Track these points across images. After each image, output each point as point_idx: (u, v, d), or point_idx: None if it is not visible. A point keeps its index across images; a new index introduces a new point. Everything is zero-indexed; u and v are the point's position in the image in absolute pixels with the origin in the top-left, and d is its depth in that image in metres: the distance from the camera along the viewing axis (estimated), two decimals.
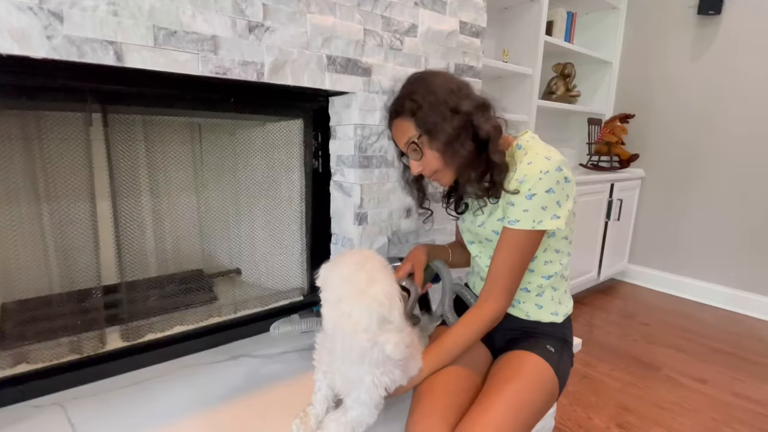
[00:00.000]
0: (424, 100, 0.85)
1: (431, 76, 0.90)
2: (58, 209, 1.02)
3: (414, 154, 0.90)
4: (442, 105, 0.84)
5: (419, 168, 0.92)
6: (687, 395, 1.65)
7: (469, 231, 1.02)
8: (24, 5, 0.71)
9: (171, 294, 1.24)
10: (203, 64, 0.91)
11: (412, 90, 0.88)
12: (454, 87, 0.87)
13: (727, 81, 2.41)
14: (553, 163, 0.82)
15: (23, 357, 0.98)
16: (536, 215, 0.82)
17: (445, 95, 0.85)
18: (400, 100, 0.89)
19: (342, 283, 0.72)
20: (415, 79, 0.91)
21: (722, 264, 2.50)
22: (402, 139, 0.91)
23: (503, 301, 0.87)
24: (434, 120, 0.83)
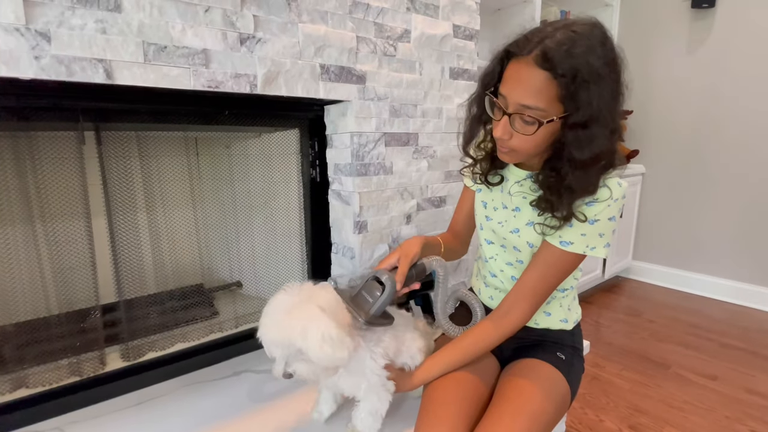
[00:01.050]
0: (597, 83, 0.64)
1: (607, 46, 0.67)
2: (53, 229, 1.01)
3: (522, 125, 0.69)
4: (608, 107, 0.67)
5: (507, 136, 0.71)
6: (698, 393, 1.62)
7: (493, 231, 0.90)
8: (10, 26, 0.70)
9: (171, 310, 1.23)
10: (195, 78, 0.90)
11: (586, 54, 0.64)
12: (622, 86, 0.70)
13: (724, 73, 2.40)
14: (622, 189, 0.74)
15: (22, 381, 0.96)
16: (591, 241, 0.76)
17: (615, 93, 0.68)
18: (563, 51, 0.63)
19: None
20: (589, 35, 0.65)
21: (728, 257, 2.48)
22: (524, 96, 0.67)
23: (528, 315, 0.83)
24: (595, 123, 0.66)
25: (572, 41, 0.64)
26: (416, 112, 1.34)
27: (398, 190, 1.34)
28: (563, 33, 0.65)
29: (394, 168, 1.31)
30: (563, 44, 0.63)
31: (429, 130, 1.39)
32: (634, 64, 2.81)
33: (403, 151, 1.33)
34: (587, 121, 0.66)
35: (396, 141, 1.31)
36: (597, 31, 0.66)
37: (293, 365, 0.70)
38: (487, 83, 0.76)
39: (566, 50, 0.63)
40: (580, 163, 0.69)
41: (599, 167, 0.71)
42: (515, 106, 0.69)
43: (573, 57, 0.63)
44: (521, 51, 0.67)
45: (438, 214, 1.48)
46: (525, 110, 0.68)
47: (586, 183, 0.71)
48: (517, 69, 0.68)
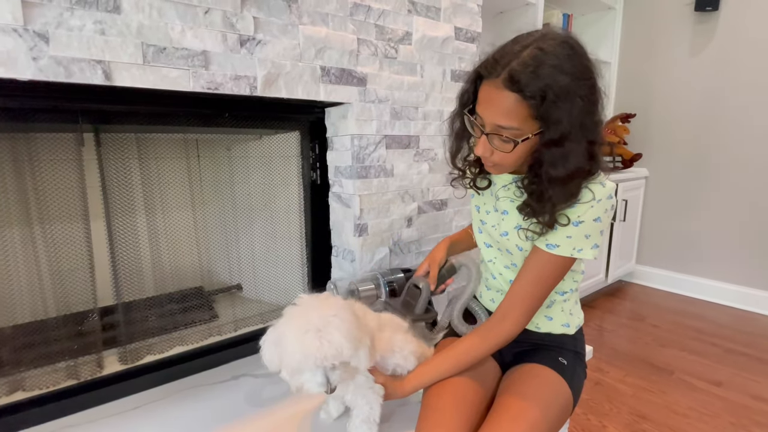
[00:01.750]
0: (566, 100, 0.64)
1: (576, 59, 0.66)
2: (51, 231, 1.00)
3: (501, 143, 0.71)
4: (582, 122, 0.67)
5: (488, 153, 0.74)
6: (703, 399, 1.60)
7: (489, 234, 0.91)
8: (8, 27, 0.70)
9: (170, 313, 1.22)
10: (194, 80, 0.90)
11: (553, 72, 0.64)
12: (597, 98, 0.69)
13: (728, 76, 2.38)
14: (606, 190, 0.74)
15: (19, 384, 0.96)
16: (578, 243, 0.76)
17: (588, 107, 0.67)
18: (528, 73, 0.64)
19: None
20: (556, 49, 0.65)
21: (732, 261, 2.46)
22: (497, 117, 0.69)
23: (522, 322, 0.82)
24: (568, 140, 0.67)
25: (538, 61, 0.64)
26: (417, 115, 1.34)
27: (399, 193, 1.33)
28: (530, 52, 0.65)
29: (394, 171, 1.30)
30: (529, 66, 0.64)
31: (430, 133, 1.38)
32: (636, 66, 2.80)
33: (404, 153, 1.32)
34: (560, 139, 0.67)
35: (397, 143, 1.30)
36: (565, 47, 0.66)
37: (334, 378, 0.69)
38: (464, 102, 0.78)
39: (532, 71, 0.64)
40: (556, 180, 0.70)
41: (577, 182, 0.72)
42: (491, 126, 0.71)
43: (539, 78, 0.64)
44: (490, 74, 0.68)
45: (439, 217, 1.47)
46: (501, 130, 0.70)
47: (567, 195, 0.72)
48: (488, 91, 0.70)
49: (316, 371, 0.69)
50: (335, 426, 0.91)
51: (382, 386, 0.81)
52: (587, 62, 0.68)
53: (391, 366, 0.86)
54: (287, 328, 0.71)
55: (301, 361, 0.68)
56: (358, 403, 0.80)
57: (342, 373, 0.70)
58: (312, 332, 0.68)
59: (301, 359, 0.67)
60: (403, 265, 1.38)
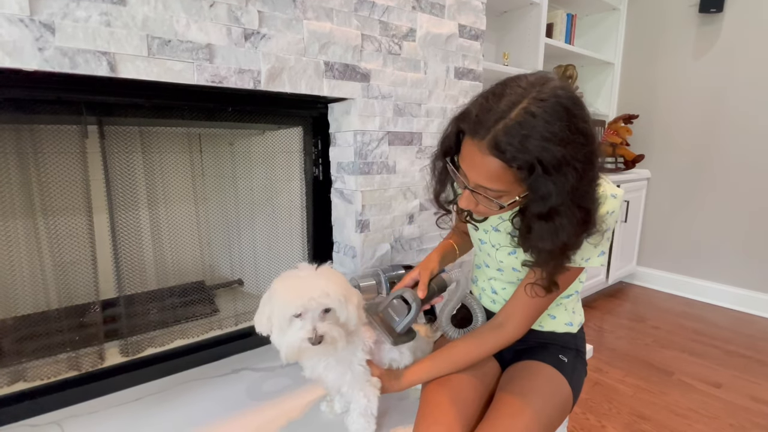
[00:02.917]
0: (558, 172, 0.58)
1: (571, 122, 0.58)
2: (54, 223, 1.01)
3: (485, 200, 0.66)
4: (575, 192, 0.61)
5: (472, 206, 0.70)
6: (702, 401, 1.60)
7: (488, 254, 0.89)
8: (15, 17, 0.70)
9: (171, 307, 1.22)
10: (199, 73, 0.90)
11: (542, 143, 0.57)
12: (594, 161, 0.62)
13: (732, 78, 2.37)
14: (618, 201, 0.73)
15: (20, 375, 0.96)
16: (587, 253, 0.75)
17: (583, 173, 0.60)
18: (515, 144, 0.57)
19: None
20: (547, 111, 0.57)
21: (733, 264, 2.45)
22: (481, 179, 0.64)
23: (523, 328, 0.82)
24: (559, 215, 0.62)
25: (527, 129, 0.57)
26: (420, 112, 1.34)
27: (401, 190, 1.33)
28: (517, 115, 0.57)
29: (397, 167, 1.30)
30: (516, 136, 0.57)
31: (433, 130, 1.38)
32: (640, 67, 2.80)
33: (407, 150, 1.32)
34: (548, 213, 0.62)
35: (399, 140, 1.30)
36: (558, 108, 0.58)
37: (321, 327, 0.69)
38: (445, 150, 0.73)
39: (519, 143, 0.57)
40: (545, 252, 0.67)
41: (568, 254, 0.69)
42: (475, 185, 0.66)
43: (527, 151, 0.57)
44: (474, 134, 0.62)
45: None
46: (485, 190, 0.65)
47: (556, 263, 0.70)
48: (471, 151, 0.63)
49: (304, 320, 0.69)
50: (335, 420, 0.91)
51: (378, 379, 0.82)
52: (584, 125, 0.60)
53: (387, 360, 0.87)
54: (277, 282, 0.73)
55: (287, 304, 0.69)
56: (356, 396, 0.80)
57: (330, 325, 0.70)
58: (300, 280, 0.71)
59: (288, 301, 0.69)
60: (404, 261, 1.38)
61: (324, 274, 0.74)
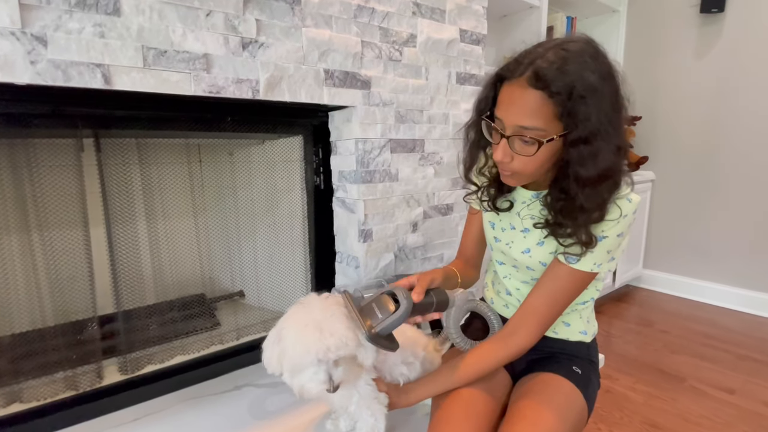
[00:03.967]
0: (594, 98, 0.62)
1: (601, 60, 0.65)
2: (50, 238, 0.98)
3: (522, 146, 0.67)
4: (609, 121, 0.64)
5: (507, 158, 0.69)
6: (715, 407, 1.56)
7: (502, 252, 0.87)
8: (6, 30, 0.68)
9: (171, 321, 1.20)
10: (196, 84, 0.88)
11: (579, 70, 0.62)
12: (621, 100, 0.67)
13: (734, 78, 2.35)
14: (633, 205, 0.71)
15: (16, 396, 0.93)
16: (599, 258, 0.74)
17: (614, 106, 0.65)
18: (555, 70, 0.62)
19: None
20: (582, 51, 0.64)
21: (742, 265, 2.42)
22: (520, 118, 0.65)
23: (534, 336, 0.79)
24: (597, 138, 0.64)
25: (564, 59, 0.63)
26: (422, 118, 1.32)
27: (404, 198, 1.31)
28: (554, 52, 0.64)
29: (399, 175, 1.28)
30: (555, 63, 0.63)
31: (435, 136, 1.36)
32: (642, 69, 2.77)
33: (409, 157, 1.30)
34: (588, 137, 0.64)
35: (402, 147, 1.28)
36: (589, 47, 0.65)
37: (337, 375, 0.66)
38: (482, 109, 0.74)
39: (558, 68, 0.62)
40: (587, 181, 0.66)
41: (608, 184, 0.68)
42: (513, 128, 0.67)
43: (566, 74, 0.62)
44: (513, 74, 0.66)
45: (445, 222, 1.45)
46: (523, 131, 0.66)
47: (598, 201, 0.68)
48: (511, 92, 0.66)
49: (318, 368, 0.65)
50: None
51: (386, 395, 0.79)
52: (611, 64, 0.67)
53: (396, 374, 0.84)
54: (287, 323, 0.68)
55: (301, 355, 0.64)
56: (363, 414, 0.77)
57: (346, 370, 0.66)
58: (312, 325, 0.64)
59: (301, 353, 0.63)
60: (408, 271, 1.36)
61: (336, 314, 0.67)
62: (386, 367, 0.82)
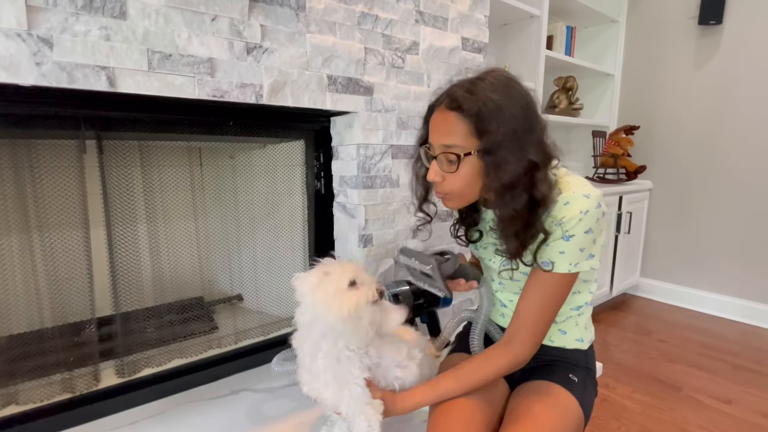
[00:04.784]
0: (498, 114, 0.70)
1: (510, 86, 0.74)
2: (50, 239, 0.98)
3: (447, 165, 0.76)
4: (515, 136, 0.71)
5: (439, 177, 0.78)
6: (713, 417, 1.56)
7: (487, 267, 0.91)
8: (12, 32, 0.69)
9: (169, 324, 1.19)
10: (200, 88, 0.89)
11: (486, 92, 0.71)
12: (532, 120, 0.74)
13: (732, 89, 2.38)
14: (592, 200, 0.74)
15: (12, 398, 0.93)
16: (573, 257, 0.75)
17: (522, 124, 0.71)
18: (464, 93, 0.72)
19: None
20: (492, 79, 0.73)
21: (739, 276, 2.43)
22: (443, 138, 0.75)
23: (530, 344, 0.80)
24: (501, 149, 0.70)
25: (475, 85, 0.73)
26: None
27: (404, 203, 1.31)
28: (470, 82, 0.74)
29: (400, 181, 1.29)
30: (467, 89, 0.73)
31: None
32: (640, 79, 2.80)
33: (410, 163, 1.30)
34: (492, 148, 0.71)
35: (403, 153, 1.28)
36: (501, 77, 0.75)
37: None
38: (421, 141, 0.85)
39: (468, 90, 0.72)
40: (494, 190, 0.73)
41: (517, 198, 0.72)
42: (439, 148, 0.77)
43: (476, 96, 0.71)
44: (437, 103, 0.78)
45: (445, 228, 1.45)
46: (447, 149, 0.75)
47: (507, 213, 0.74)
48: (435, 118, 0.78)
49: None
50: None
51: (381, 402, 0.77)
52: (521, 90, 0.75)
53: (390, 378, 0.83)
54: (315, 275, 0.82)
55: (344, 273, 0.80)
56: (356, 421, 0.75)
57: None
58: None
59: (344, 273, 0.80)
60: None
61: None
62: (380, 371, 0.81)
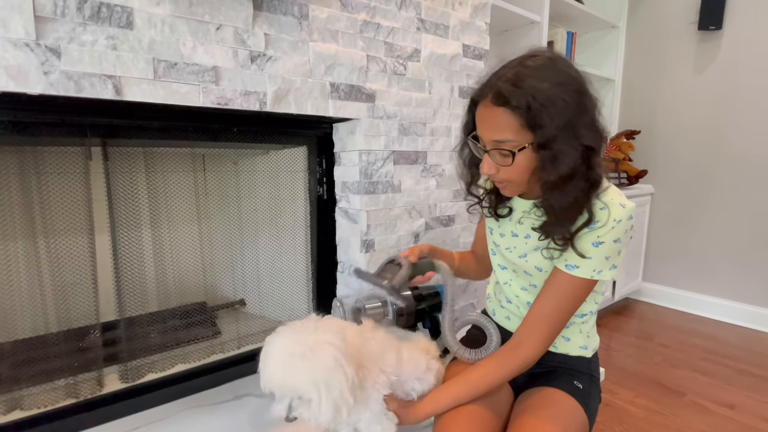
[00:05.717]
0: (550, 106, 0.67)
1: (557, 69, 0.70)
2: (55, 244, 0.99)
3: (501, 158, 0.74)
4: (569, 125, 0.68)
5: (494, 170, 0.76)
6: (716, 422, 1.55)
7: (503, 256, 0.90)
8: (20, 42, 0.70)
9: (172, 329, 1.20)
10: (204, 95, 0.90)
11: (533, 82, 0.67)
12: (585, 101, 0.70)
13: (732, 94, 2.38)
14: (627, 211, 0.73)
15: (17, 403, 0.93)
16: (598, 264, 0.75)
17: (575, 110, 0.68)
18: (510, 87, 0.68)
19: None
20: (537, 64, 0.70)
21: (742, 280, 2.42)
22: (492, 133, 0.72)
23: (541, 347, 0.79)
24: (557, 142, 0.68)
25: (521, 76, 0.69)
26: (425, 131, 1.33)
27: (406, 209, 1.32)
28: (513, 70, 0.70)
29: (402, 186, 1.29)
30: (512, 81, 0.69)
31: (438, 149, 1.38)
32: (640, 84, 2.81)
33: (412, 169, 1.32)
34: (547, 142, 0.69)
35: (404, 159, 1.29)
36: (548, 60, 0.71)
37: (297, 410, 0.68)
38: (468, 130, 0.82)
39: (515, 84, 0.69)
40: (551, 184, 0.72)
41: (575, 185, 0.71)
42: (490, 143, 0.75)
43: (522, 89, 0.68)
44: (481, 97, 0.74)
45: (446, 233, 1.46)
46: (499, 144, 0.73)
47: (569, 200, 0.72)
48: (482, 112, 0.75)
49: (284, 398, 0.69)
50: None
51: (394, 414, 0.78)
52: (569, 70, 0.72)
53: (408, 389, 0.83)
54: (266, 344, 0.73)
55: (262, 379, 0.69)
56: (372, 430, 0.76)
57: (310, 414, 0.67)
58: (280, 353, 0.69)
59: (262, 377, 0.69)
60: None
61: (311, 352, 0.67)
62: (398, 382, 0.81)
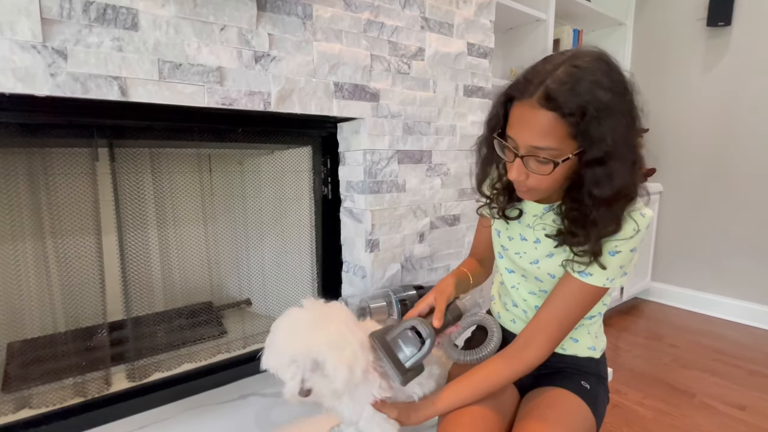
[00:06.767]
0: (609, 118, 0.61)
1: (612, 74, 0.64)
2: (63, 245, 1.00)
3: (537, 166, 0.67)
4: (626, 140, 0.64)
5: (523, 177, 0.69)
6: (727, 424, 1.53)
7: (512, 260, 0.87)
8: (27, 44, 0.71)
9: (179, 329, 1.20)
10: (209, 96, 0.90)
11: (591, 88, 0.60)
12: (636, 111, 0.66)
13: (741, 91, 2.35)
14: (646, 220, 0.71)
15: (26, 401, 0.94)
16: (612, 273, 0.73)
17: (630, 122, 0.65)
18: (565, 90, 0.61)
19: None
20: (592, 66, 0.62)
21: (753, 279, 2.38)
22: (533, 139, 0.64)
23: (547, 350, 0.78)
24: (613, 159, 0.63)
25: (575, 78, 0.61)
26: (430, 130, 1.33)
27: (411, 208, 1.31)
28: (565, 70, 0.62)
29: (407, 186, 1.29)
30: (566, 83, 0.61)
31: (442, 148, 1.37)
32: (649, 82, 2.78)
33: (416, 168, 1.31)
34: (603, 158, 0.63)
35: (409, 158, 1.29)
36: (601, 63, 0.64)
37: (310, 381, 0.67)
38: (492, 127, 0.74)
39: (570, 88, 0.61)
40: (602, 201, 0.66)
41: (623, 201, 0.68)
42: (526, 148, 0.67)
43: (578, 94, 0.60)
44: (523, 94, 0.65)
45: (451, 233, 1.45)
46: (537, 151, 0.65)
47: (611, 219, 0.68)
48: (522, 112, 0.66)
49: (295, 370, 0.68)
50: None
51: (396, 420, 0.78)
52: (621, 76, 0.65)
53: (409, 392, 0.82)
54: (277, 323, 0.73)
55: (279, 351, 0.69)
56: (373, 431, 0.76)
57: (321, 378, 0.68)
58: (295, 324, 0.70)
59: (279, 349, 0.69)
60: (415, 281, 1.36)
61: (323, 320, 0.70)
62: (399, 388, 0.80)
